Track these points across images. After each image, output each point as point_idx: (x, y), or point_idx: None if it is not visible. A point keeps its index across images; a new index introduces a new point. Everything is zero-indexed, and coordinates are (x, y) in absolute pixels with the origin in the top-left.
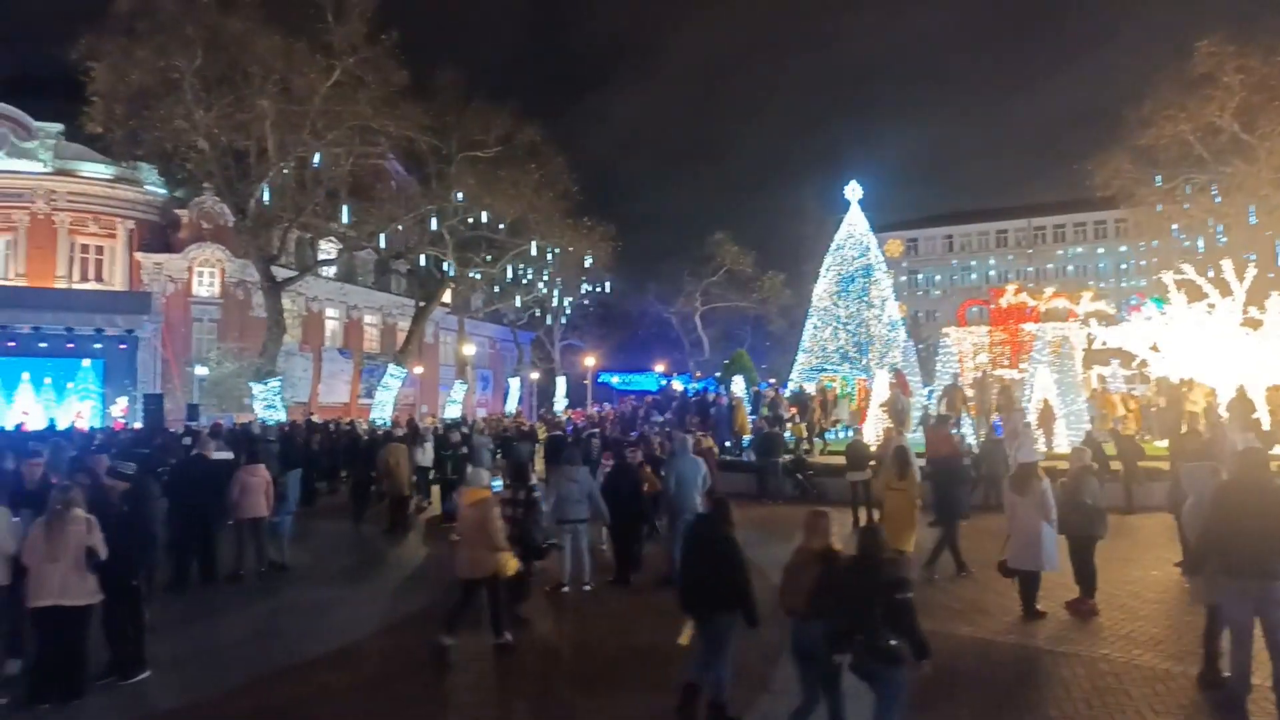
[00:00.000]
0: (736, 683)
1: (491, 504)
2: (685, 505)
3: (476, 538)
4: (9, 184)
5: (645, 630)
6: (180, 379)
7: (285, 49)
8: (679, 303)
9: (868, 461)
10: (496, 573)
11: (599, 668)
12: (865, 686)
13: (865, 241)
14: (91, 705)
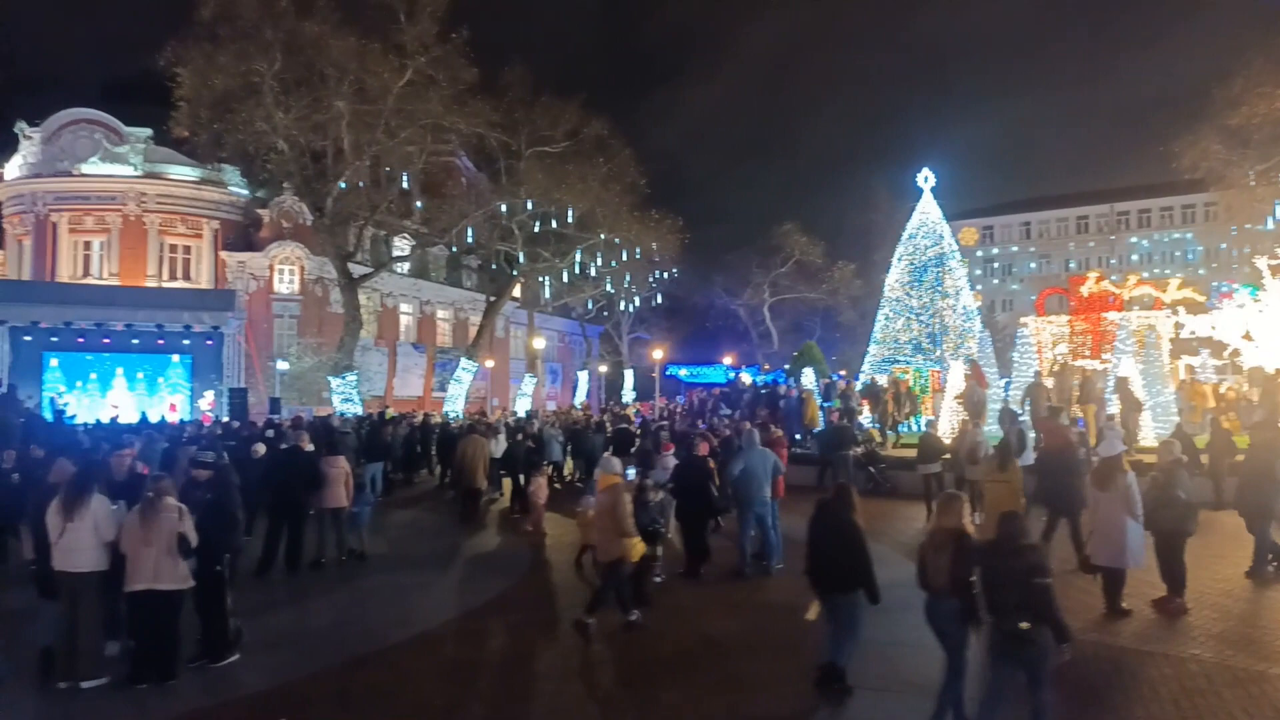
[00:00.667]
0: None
1: (621, 490)
2: (753, 497)
3: (606, 523)
4: (103, 187)
5: (715, 621)
6: (263, 373)
7: (360, 50)
8: (747, 294)
9: (940, 454)
10: (624, 556)
11: (670, 659)
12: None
13: (939, 230)
14: (185, 686)
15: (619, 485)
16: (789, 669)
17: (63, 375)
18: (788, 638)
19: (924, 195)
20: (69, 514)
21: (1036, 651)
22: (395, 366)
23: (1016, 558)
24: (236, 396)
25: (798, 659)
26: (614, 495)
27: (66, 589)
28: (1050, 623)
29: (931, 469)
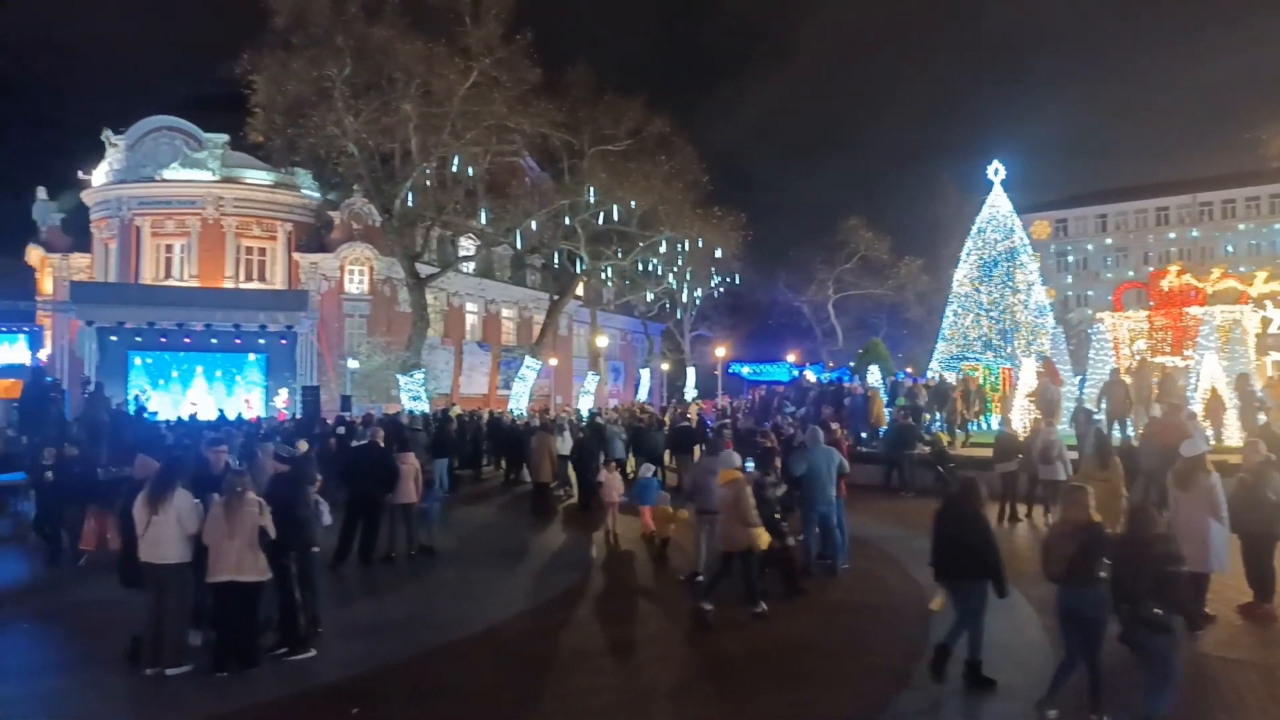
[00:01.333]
0: (874, 677)
1: (743, 484)
2: (818, 496)
3: (731, 514)
4: (183, 192)
5: (779, 621)
6: (334, 371)
7: (426, 54)
8: (810, 291)
9: (1016, 454)
10: (751, 547)
11: (736, 658)
12: None
13: (1009, 223)
14: (264, 675)
15: (741, 479)
16: (854, 668)
17: (146, 374)
18: (853, 637)
19: (994, 188)
20: (154, 508)
21: (1169, 639)
22: (461, 365)
23: (1150, 546)
24: (309, 394)
25: (863, 658)
26: (737, 488)
27: (152, 580)
28: (1183, 610)
29: (1008, 468)
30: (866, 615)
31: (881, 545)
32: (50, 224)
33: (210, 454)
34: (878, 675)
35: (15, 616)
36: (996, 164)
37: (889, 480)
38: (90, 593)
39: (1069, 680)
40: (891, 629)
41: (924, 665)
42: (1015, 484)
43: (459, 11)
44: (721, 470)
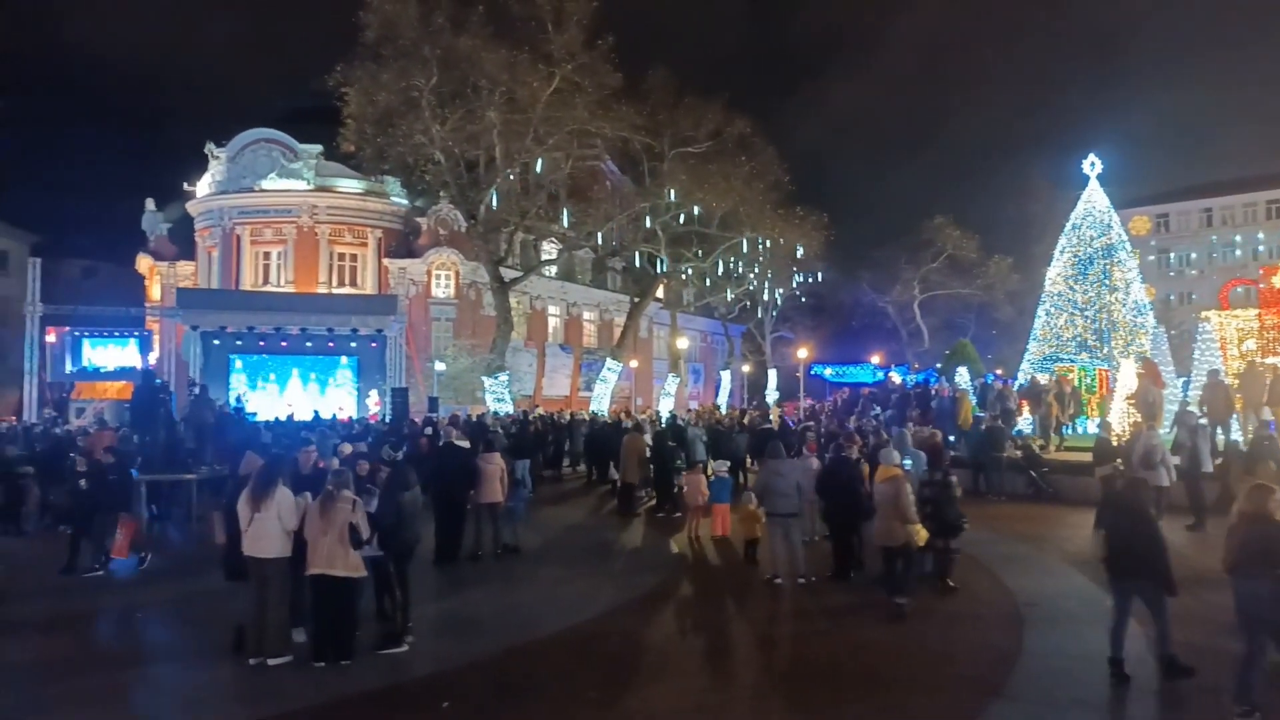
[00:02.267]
0: (964, 687)
1: (903, 481)
2: None
3: (890, 510)
4: (280, 201)
5: (863, 626)
6: (422, 374)
7: (510, 62)
8: (895, 291)
9: (1115, 458)
10: (908, 542)
11: (817, 663)
12: None
13: (1106, 219)
14: (360, 668)
15: (901, 476)
16: (942, 676)
17: (246, 376)
18: (941, 644)
19: (1090, 183)
20: (256, 504)
21: None
22: (544, 367)
23: None
24: (399, 396)
25: (952, 666)
26: (896, 485)
27: (255, 573)
28: None
29: (1107, 472)
30: (954, 622)
31: (968, 550)
32: (158, 234)
33: (302, 454)
34: (967, 684)
35: (129, 607)
36: (1093, 157)
37: (976, 484)
38: (198, 584)
39: (1255, 676)
40: (980, 637)
41: (1016, 675)
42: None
43: (541, 19)
44: (881, 467)
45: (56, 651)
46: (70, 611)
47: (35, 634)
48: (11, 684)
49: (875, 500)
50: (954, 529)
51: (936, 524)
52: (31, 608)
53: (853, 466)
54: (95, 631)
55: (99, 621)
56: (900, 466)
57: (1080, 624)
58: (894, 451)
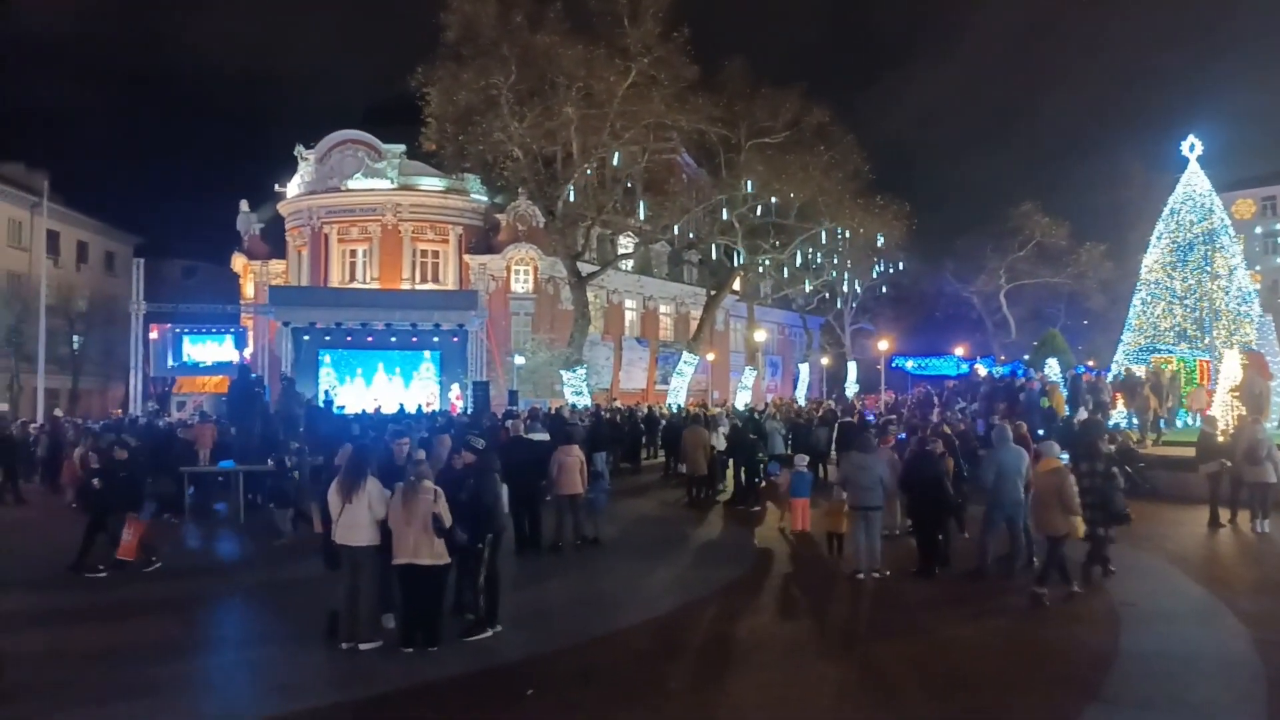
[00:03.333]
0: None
1: (1066, 473)
2: (1006, 497)
3: (1051, 501)
4: (366, 201)
5: (947, 624)
6: (502, 368)
7: (587, 57)
8: (980, 281)
9: (1219, 453)
10: (1069, 533)
11: (898, 660)
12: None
13: (1207, 203)
14: (447, 654)
15: (1063, 468)
16: (1037, 677)
17: (334, 370)
18: (1035, 644)
19: (1189, 165)
20: (347, 495)
21: None
22: (621, 360)
23: None
24: (479, 389)
25: (1046, 666)
26: (1061, 477)
27: (348, 560)
28: None
29: (1212, 469)
30: (1046, 621)
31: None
32: (252, 233)
33: (395, 445)
34: (1060, 686)
35: (228, 592)
36: (1192, 138)
37: None
38: (294, 572)
39: None
40: (1074, 636)
41: (1113, 677)
42: (1220, 486)
43: (618, 13)
44: (1044, 459)
45: (162, 634)
46: (174, 596)
47: (142, 617)
48: (125, 664)
49: (1036, 491)
50: (1121, 518)
51: (1102, 513)
52: (137, 591)
53: (937, 461)
54: (197, 615)
55: (200, 606)
56: (1059, 458)
57: (1180, 624)
58: (1054, 444)
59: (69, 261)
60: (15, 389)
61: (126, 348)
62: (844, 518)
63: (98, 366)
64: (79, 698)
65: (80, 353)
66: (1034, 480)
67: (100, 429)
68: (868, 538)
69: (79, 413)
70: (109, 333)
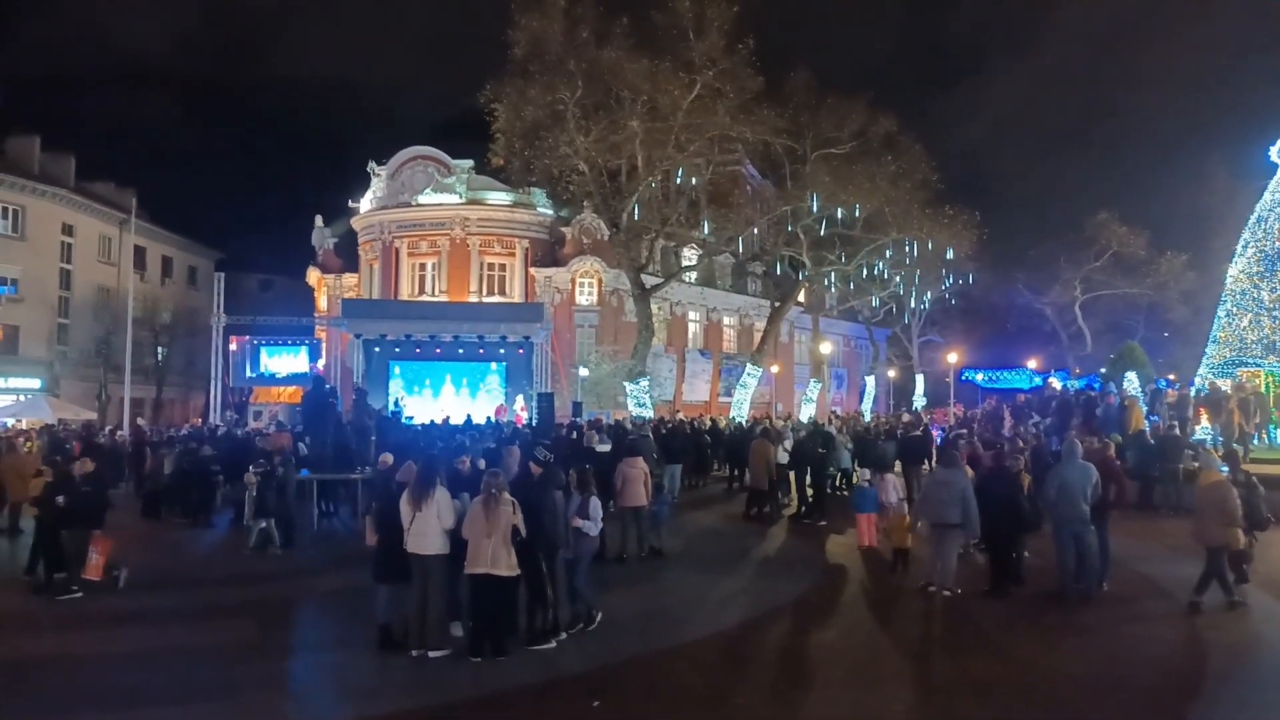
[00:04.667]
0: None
1: (1229, 485)
2: (1070, 514)
3: (1212, 512)
4: (435, 215)
5: (1022, 644)
6: (566, 379)
7: (652, 71)
8: (1054, 292)
9: None
10: (1228, 543)
11: (972, 680)
12: None
13: None
14: (514, 663)
15: (1225, 480)
16: (1115, 700)
17: (403, 381)
18: (1112, 667)
19: (1278, 171)
20: (417, 504)
21: None
22: (684, 372)
23: None
24: (544, 401)
25: (1125, 691)
26: (1223, 490)
27: (418, 569)
28: None
29: None
30: (1123, 643)
31: (1140, 568)
32: (326, 248)
33: (458, 462)
34: (1142, 711)
35: (301, 597)
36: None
37: (1149, 498)
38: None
39: None
40: (1156, 661)
41: (1197, 705)
42: None
43: (682, 27)
44: (1205, 472)
45: (241, 635)
46: (249, 599)
47: (219, 619)
48: (206, 664)
49: (1197, 503)
50: (1264, 523)
51: (1247, 521)
52: (219, 594)
53: (1012, 478)
54: (272, 618)
55: (274, 610)
56: (1220, 470)
57: (1269, 650)
58: (1214, 457)
59: (154, 276)
60: (104, 398)
61: (207, 359)
62: (909, 533)
63: (180, 377)
64: (163, 697)
65: (164, 363)
66: (1197, 493)
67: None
68: (943, 554)
69: (162, 421)
70: (191, 344)
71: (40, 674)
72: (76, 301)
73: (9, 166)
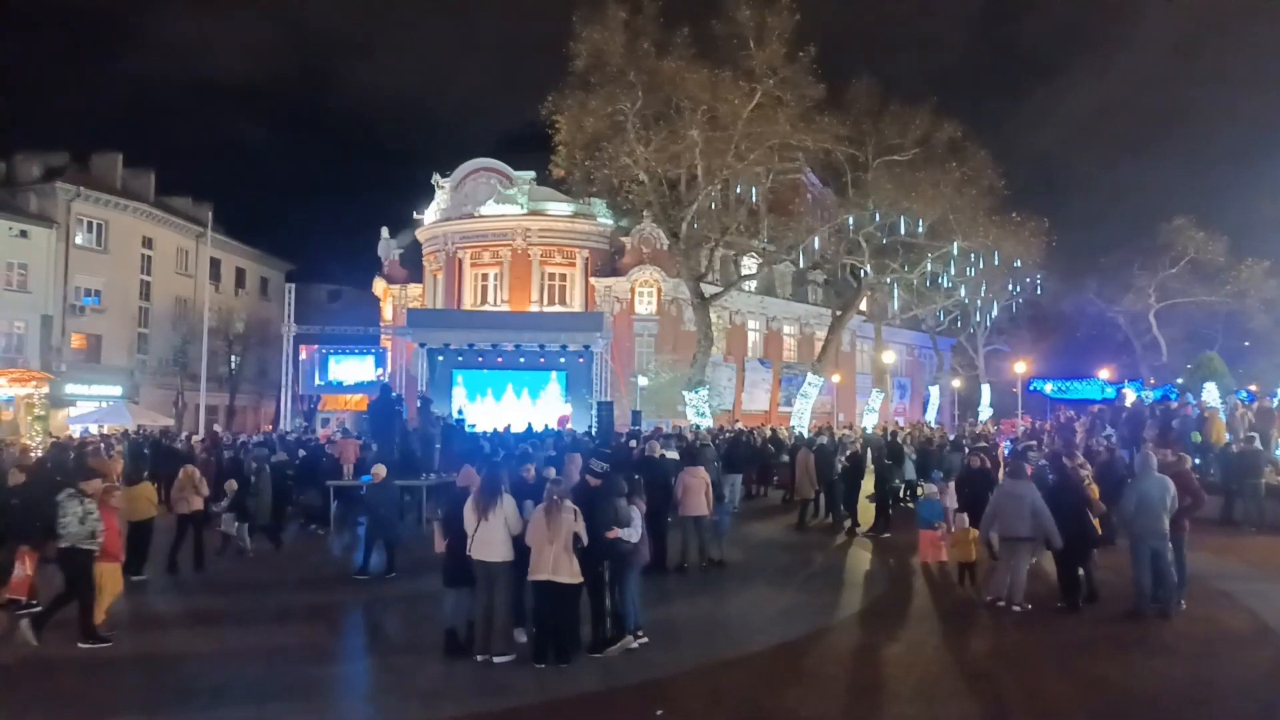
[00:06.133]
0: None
1: None
2: (1149, 528)
3: None
4: (497, 226)
5: (1098, 662)
6: (625, 388)
7: (712, 80)
8: (1127, 300)
9: None
10: None
11: (1045, 696)
12: None
13: None
14: (578, 670)
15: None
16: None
17: (466, 389)
18: (1191, 688)
19: None
20: (483, 512)
21: None
22: (743, 381)
23: None
24: (604, 409)
25: (1203, 714)
26: None
27: (483, 575)
28: None
29: None
30: (1203, 662)
31: (1220, 585)
32: (391, 259)
33: (523, 470)
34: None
35: (368, 601)
36: None
37: (1230, 513)
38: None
39: None
40: (1236, 682)
41: None
42: None
43: (743, 36)
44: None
45: (312, 638)
46: (319, 603)
47: (293, 623)
48: (280, 666)
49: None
50: None
51: None
52: (286, 599)
53: (1080, 490)
54: (343, 622)
55: (343, 613)
56: None
57: None
58: None
59: (229, 287)
60: (180, 405)
61: (278, 367)
62: (974, 546)
63: (252, 384)
64: (242, 697)
65: (237, 371)
66: None
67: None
68: (1013, 569)
69: (234, 428)
70: (263, 353)
71: (127, 672)
72: (155, 312)
73: (94, 183)
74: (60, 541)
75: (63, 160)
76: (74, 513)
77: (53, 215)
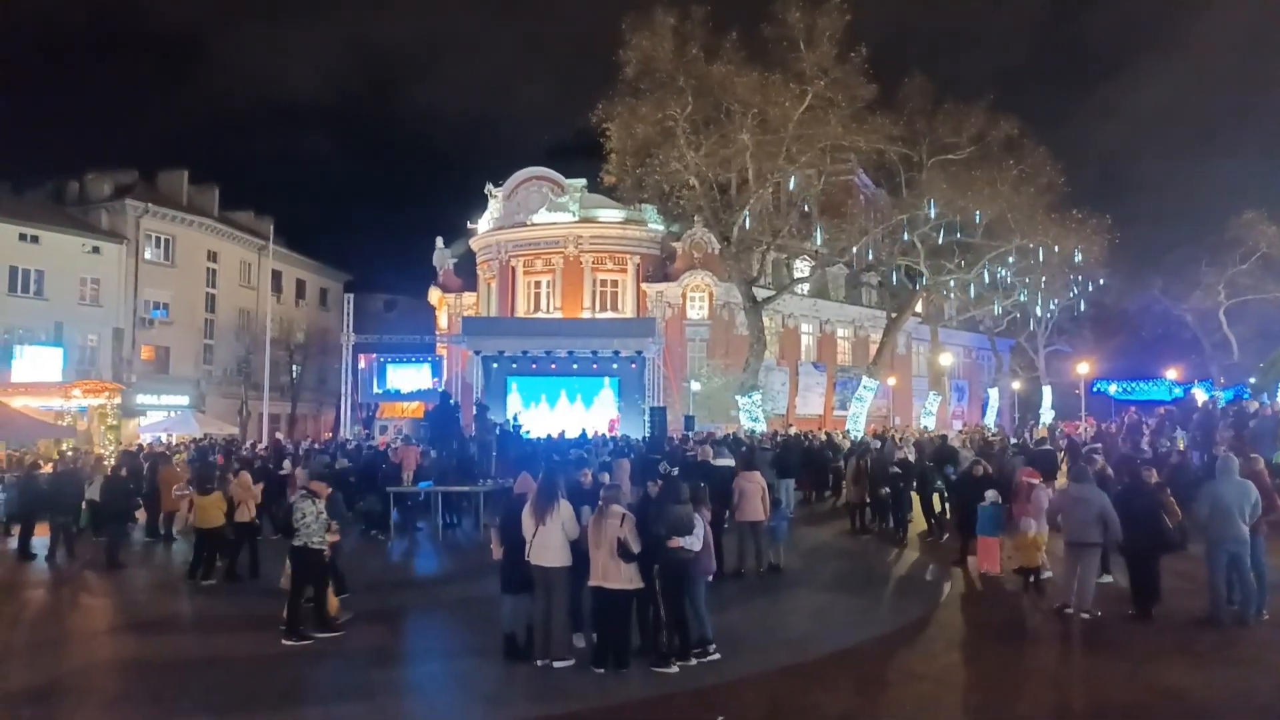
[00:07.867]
0: None
1: None
2: (1225, 533)
3: None
4: (549, 234)
5: (1172, 671)
6: (678, 393)
7: (762, 84)
8: (1195, 298)
9: None
10: None
11: (1115, 706)
12: None
13: None
14: (636, 676)
15: None
16: None
17: (520, 396)
18: (1271, 698)
19: None
20: (540, 517)
21: None
22: (797, 385)
23: None
24: (657, 415)
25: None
26: None
27: (541, 581)
28: None
29: None
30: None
31: None
32: (446, 268)
33: (581, 475)
34: None
35: (429, 606)
36: None
37: None
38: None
39: None
40: None
41: None
42: None
43: (793, 38)
44: None
45: (374, 642)
46: (380, 608)
47: (360, 624)
48: (344, 669)
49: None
50: None
51: None
52: (355, 603)
53: (1152, 494)
54: (404, 626)
55: (403, 617)
56: None
57: None
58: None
59: (289, 298)
60: (244, 414)
61: (338, 375)
62: (1037, 552)
63: (312, 393)
64: (307, 697)
65: (298, 380)
66: None
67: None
68: (1081, 575)
69: (295, 436)
70: (322, 362)
71: (196, 673)
72: (220, 323)
73: (161, 200)
74: (295, 539)
75: (131, 178)
76: (310, 512)
77: (123, 231)
